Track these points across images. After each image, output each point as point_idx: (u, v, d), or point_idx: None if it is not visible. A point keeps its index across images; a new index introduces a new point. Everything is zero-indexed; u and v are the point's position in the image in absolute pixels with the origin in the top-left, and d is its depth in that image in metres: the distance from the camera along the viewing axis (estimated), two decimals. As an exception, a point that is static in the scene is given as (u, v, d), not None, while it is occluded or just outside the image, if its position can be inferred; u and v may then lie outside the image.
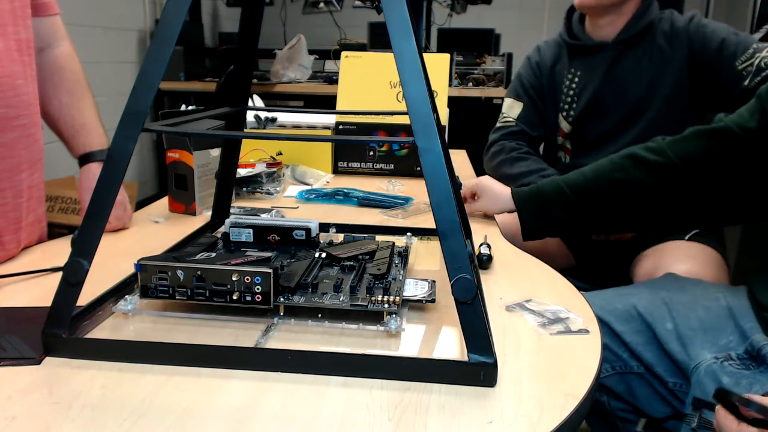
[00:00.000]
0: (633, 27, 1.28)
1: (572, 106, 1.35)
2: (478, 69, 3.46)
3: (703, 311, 0.87)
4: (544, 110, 1.43)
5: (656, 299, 0.92)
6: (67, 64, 0.98)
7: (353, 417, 0.47)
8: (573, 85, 1.35)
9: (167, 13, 0.53)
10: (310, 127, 1.50)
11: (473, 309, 0.51)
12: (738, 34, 1.21)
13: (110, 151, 0.54)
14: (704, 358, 0.79)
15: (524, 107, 1.43)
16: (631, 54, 1.28)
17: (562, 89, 1.37)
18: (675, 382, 0.86)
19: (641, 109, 1.28)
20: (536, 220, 0.99)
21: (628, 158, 0.94)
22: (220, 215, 0.91)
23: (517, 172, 1.34)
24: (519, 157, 1.36)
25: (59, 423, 0.46)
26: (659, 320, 0.88)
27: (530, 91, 1.42)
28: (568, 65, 1.37)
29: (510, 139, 1.42)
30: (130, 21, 3.35)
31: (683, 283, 0.98)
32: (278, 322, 0.62)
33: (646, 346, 0.89)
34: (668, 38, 1.26)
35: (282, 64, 3.30)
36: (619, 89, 1.29)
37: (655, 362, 0.88)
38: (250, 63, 0.82)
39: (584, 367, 0.56)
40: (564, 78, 1.37)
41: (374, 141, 1.18)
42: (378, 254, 0.75)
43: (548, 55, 1.41)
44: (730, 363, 0.77)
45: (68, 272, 0.54)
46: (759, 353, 0.76)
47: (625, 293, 0.98)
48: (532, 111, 1.42)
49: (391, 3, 0.49)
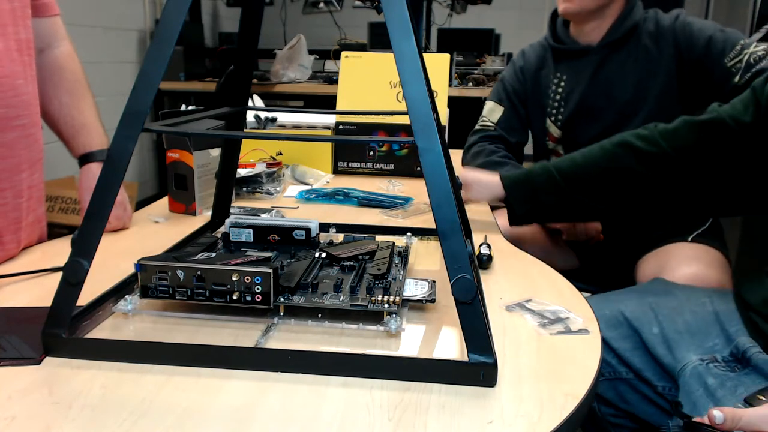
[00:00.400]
0: (617, 30, 1.27)
1: (560, 110, 1.35)
2: (478, 69, 3.46)
3: (690, 315, 0.87)
4: (526, 116, 1.43)
5: (643, 304, 0.92)
6: (67, 65, 0.98)
7: (353, 417, 0.47)
8: (559, 89, 1.34)
9: (167, 13, 0.53)
10: (310, 127, 1.50)
11: (473, 309, 0.51)
12: (724, 31, 1.20)
13: (110, 151, 0.54)
14: (689, 360, 0.79)
15: (504, 112, 1.42)
16: (617, 56, 1.28)
17: (549, 93, 1.36)
18: (664, 386, 0.86)
19: (631, 111, 1.27)
20: (525, 203, 0.98)
21: (619, 146, 0.93)
22: (220, 215, 0.91)
23: None
24: (498, 162, 1.37)
25: (59, 423, 0.46)
26: (646, 325, 0.88)
27: (512, 96, 1.42)
28: (553, 69, 1.36)
29: (489, 142, 1.42)
30: (130, 21, 3.36)
31: (671, 287, 0.98)
32: (278, 322, 0.62)
33: (633, 352, 0.88)
34: (654, 38, 1.26)
35: (282, 64, 3.30)
36: (606, 92, 1.29)
37: (643, 367, 0.87)
38: (250, 63, 0.82)
39: (584, 367, 0.56)
40: (550, 82, 1.36)
41: (374, 141, 1.18)
42: (378, 254, 0.75)
43: (533, 59, 1.40)
44: (716, 365, 0.77)
45: (68, 272, 0.54)
46: (744, 355, 0.77)
47: (612, 299, 0.97)
48: (513, 116, 1.42)
49: (391, 3, 0.49)
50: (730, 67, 1.17)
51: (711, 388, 0.74)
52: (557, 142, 1.38)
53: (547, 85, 1.37)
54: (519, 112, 1.42)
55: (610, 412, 0.95)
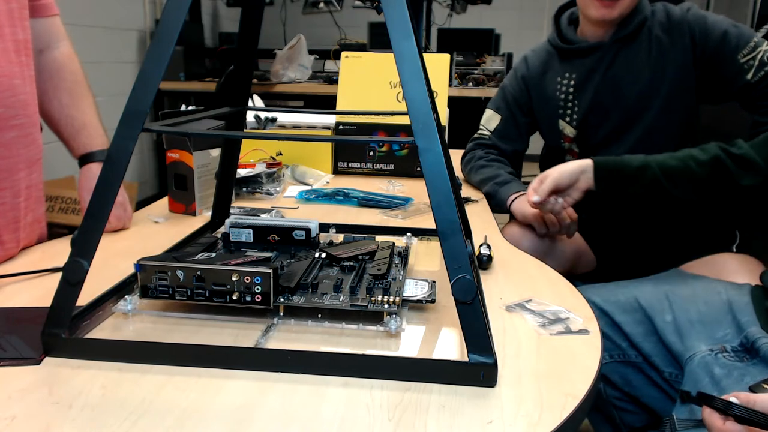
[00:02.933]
0: (628, 24, 1.27)
1: (573, 110, 1.34)
2: (478, 69, 3.46)
3: (704, 305, 0.88)
4: (528, 124, 1.43)
5: (658, 292, 0.93)
6: (67, 65, 0.98)
7: (353, 417, 0.47)
8: (570, 89, 1.34)
9: (167, 13, 0.53)
10: (310, 127, 1.50)
11: (473, 309, 0.51)
12: (738, 26, 1.20)
13: (110, 151, 0.54)
14: (699, 350, 0.80)
15: (501, 121, 1.42)
16: (629, 50, 1.28)
17: (557, 96, 1.36)
18: (671, 372, 0.87)
19: (645, 105, 1.27)
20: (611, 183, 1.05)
21: (722, 151, 1.00)
22: (220, 215, 0.91)
23: (479, 179, 1.36)
24: (483, 165, 1.37)
25: (59, 423, 0.46)
26: (659, 312, 0.89)
27: (512, 104, 1.42)
28: (560, 70, 1.35)
29: (480, 149, 1.43)
30: (130, 21, 3.35)
31: (687, 278, 0.99)
32: (278, 322, 0.62)
33: (645, 337, 0.90)
34: (665, 29, 1.25)
35: (282, 64, 3.30)
36: (619, 87, 1.29)
37: (652, 353, 0.89)
38: (250, 63, 0.82)
39: (584, 367, 0.56)
40: (557, 84, 1.36)
41: (374, 141, 1.18)
42: (378, 254, 0.75)
43: (536, 65, 1.39)
44: (724, 355, 0.78)
45: (68, 272, 0.54)
46: (753, 345, 0.77)
47: (628, 286, 0.99)
48: (510, 125, 1.42)
49: (391, 3, 0.49)
50: (743, 63, 1.17)
51: (717, 377, 0.75)
52: (573, 141, 1.37)
53: (555, 88, 1.36)
54: (518, 120, 1.42)
55: (616, 395, 0.96)
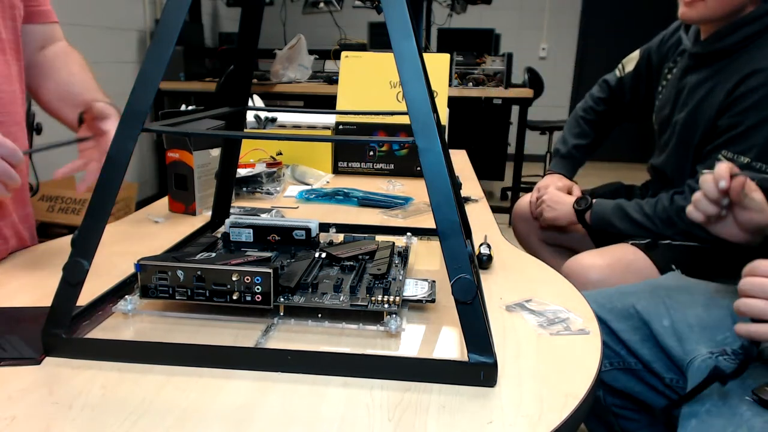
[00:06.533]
0: (725, 38, 1.09)
1: (658, 97, 1.34)
2: (478, 69, 3.46)
3: (703, 309, 0.88)
4: (646, 82, 1.40)
5: (655, 298, 0.93)
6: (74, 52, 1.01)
7: (353, 417, 0.47)
8: (664, 81, 1.31)
9: (167, 13, 0.53)
10: (310, 127, 1.50)
11: (473, 309, 0.51)
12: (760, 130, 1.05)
13: (110, 151, 0.54)
14: (699, 353, 0.80)
15: (636, 65, 1.41)
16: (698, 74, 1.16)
17: (661, 76, 1.34)
18: (672, 377, 0.87)
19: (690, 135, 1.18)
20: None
21: None
22: (220, 215, 0.91)
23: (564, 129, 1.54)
24: (574, 119, 1.50)
25: (59, 423, 0.46)
26: (656, 318, 0.89)
27: (651, 56, 1.38)
28: (672, 59, 1.31)
29: (598, 91, 1.51)
30: (130, 21, 3.36)
31: (684, 282, 0.99)
32: (278, 322, 0.62)
33: (643, 343, 0.90)
34: None
35: (282, 64, 3.30)
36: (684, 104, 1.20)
37: (652, 359, 0.89)
38: (250, 63, 0.82)
39: (584, 367, 0.56)
40: (662, 78, 1.33)
41: (374, 141, 1.18)
42: (378, 254, 0.75)
43: (672, 41, 1.32)
44: (725, 357, 0.78)
45: (68, 272, 0.54)
46: None
47: (625, 292, 0.98)
48: (635, 76, 1.41)
49: (391, 3, 0.49)
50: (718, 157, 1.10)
51: None
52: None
53: (659, 79, 1.34)
54: (641, 73, 1.40)
55: (616, 402, 0.95)
